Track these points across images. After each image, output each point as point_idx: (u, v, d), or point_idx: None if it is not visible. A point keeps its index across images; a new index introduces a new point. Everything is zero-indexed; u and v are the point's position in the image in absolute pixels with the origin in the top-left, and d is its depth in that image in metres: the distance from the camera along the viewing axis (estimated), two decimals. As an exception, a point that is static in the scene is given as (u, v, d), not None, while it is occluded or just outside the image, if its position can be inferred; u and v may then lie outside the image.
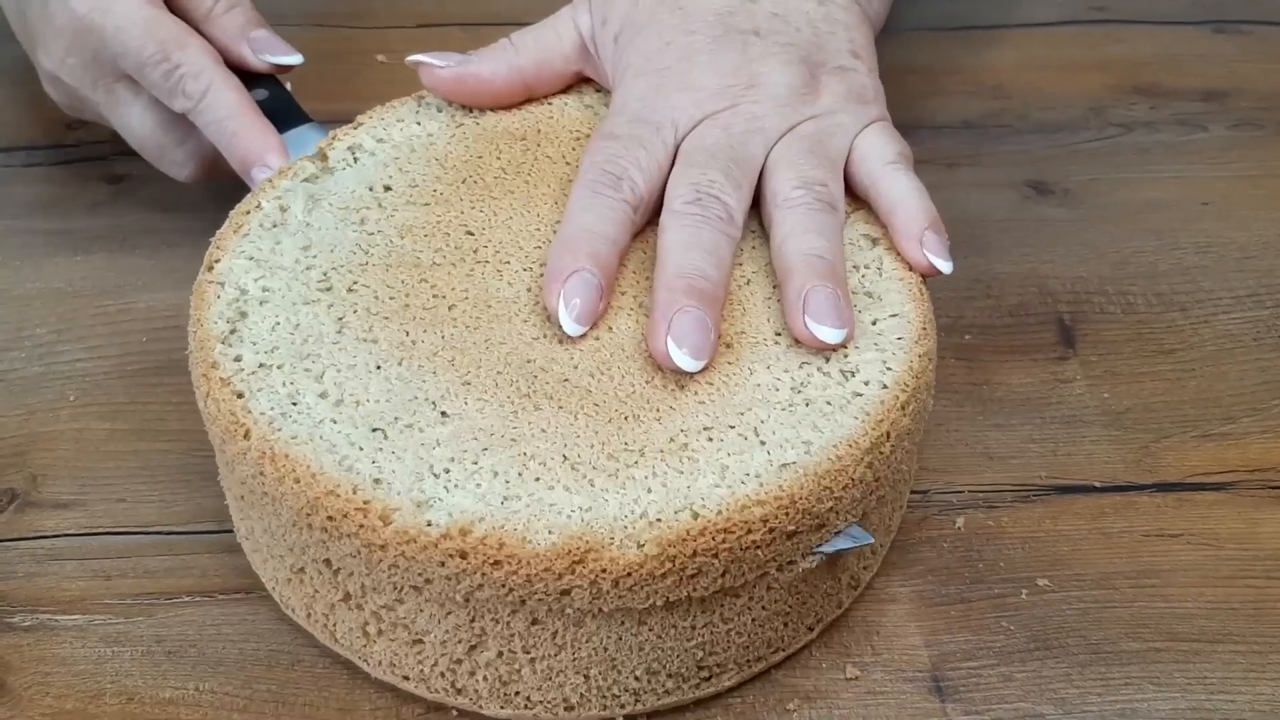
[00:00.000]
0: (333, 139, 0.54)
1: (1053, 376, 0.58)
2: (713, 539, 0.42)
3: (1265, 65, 0.75)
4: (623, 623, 0.43)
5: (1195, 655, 0.48)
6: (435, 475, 0.42)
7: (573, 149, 0.54)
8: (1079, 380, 0.57)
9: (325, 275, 0.49)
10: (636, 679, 0.45)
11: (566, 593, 0.41)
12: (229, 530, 0.50)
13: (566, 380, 0.45)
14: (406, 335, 0.47)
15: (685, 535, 0.41)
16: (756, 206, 0.51)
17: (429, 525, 0.41)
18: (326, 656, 0.48)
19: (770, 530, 0.42)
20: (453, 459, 0.43)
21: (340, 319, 0.47)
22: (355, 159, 0.53)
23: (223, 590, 0.50)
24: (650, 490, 0.42)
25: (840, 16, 0.55)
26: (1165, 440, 0.55)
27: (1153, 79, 0.74)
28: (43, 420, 0.55)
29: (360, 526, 0.42)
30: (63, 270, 0.61)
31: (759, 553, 0.43)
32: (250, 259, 0.49)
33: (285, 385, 0.45)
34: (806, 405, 0.45)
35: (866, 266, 0.50)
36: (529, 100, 0.56)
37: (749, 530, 0.42)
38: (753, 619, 0.45)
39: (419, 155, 0.53)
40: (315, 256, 0.49)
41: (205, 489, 0.52)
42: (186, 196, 0.65)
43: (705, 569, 0.42)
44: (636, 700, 0.45)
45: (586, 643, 0.43)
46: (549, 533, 0.41)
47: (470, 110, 0.56)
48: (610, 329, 0.47)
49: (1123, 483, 0.53)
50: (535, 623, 0.43)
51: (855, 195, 0.52)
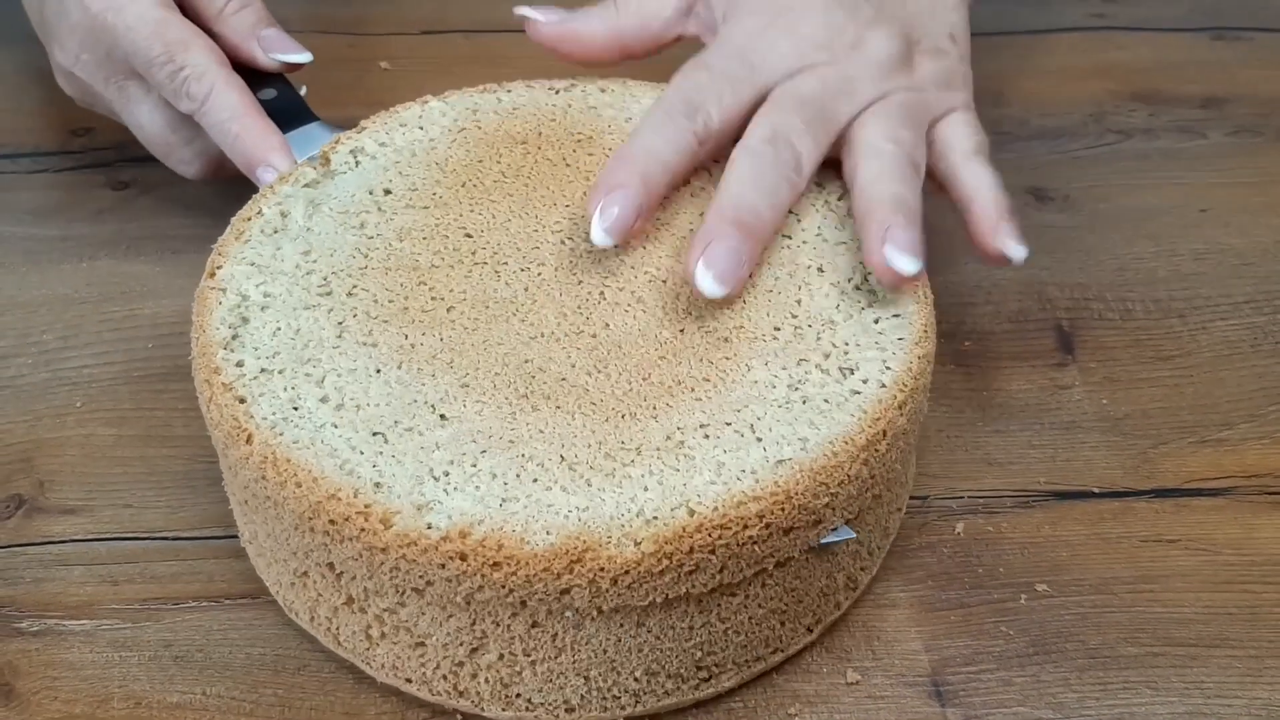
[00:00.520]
0: (336, 142, 0.54)
1: (1052, 383, 0.58)
2: (709, 536, 0.42)
3: (1264, 72, 0.75)
4: (621, 624, 0.43)
5: (1192, 660, 0.48)
6: (435, 478, 0.43)
7: (573, 151, 0.54)
8: (1078, 386, 0.58)
9: (325, 280, 0.49)
10: (636, 680, 0.45)
11: (566, 592, 0.42)
12: (234, 535, 0.51)
13: (564, 379, 0.46)
14: (405, 338, 0.47)
15: (682, 532, 0.42)
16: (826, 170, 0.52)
17: (429, 528, 0.42)
18: (332, 661, 0.48)
19: (767, 526, 0.43)
20: (452, 462, 0.43)
21: (340, 323, 0.47)
22: (357, 162, 0.54)
23: (229, 595, 0.50)
24: (647, 488, 0.43)
25: None
26: (1163, 446, 0.55)
27: (1152, 86, 0.74)
28: (49, 426, 0.55)
29: (362, 530, 0.42)
30: (69, 276, 0.62)
31: (756, 549, 0.43)
32: (252, 265, 0.49)
33: (287, 390, 0.45)
34: (804, 402, 0.45)
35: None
36: (627, 58, 0.57)
37: (745, 526, 0.42)
38: (749, 617, 0.45)
39: (419, 159, 0.54)
40: (315, 261, 0.50)
41: (211, 494, 0.52)
42: (192, 202, 0.65)
43: (702, 565, 0.42)
44: (637, 701, 0.46)
45: (586, 644, 0.44)
46: (547, 533, 0.42)
47: (473, 114, 0.56)
48: (607, 326, 0.47)
49: (1121, 488, 0.54)
50: (535, 625, 0.43)
51: (932, 179, 0.53)
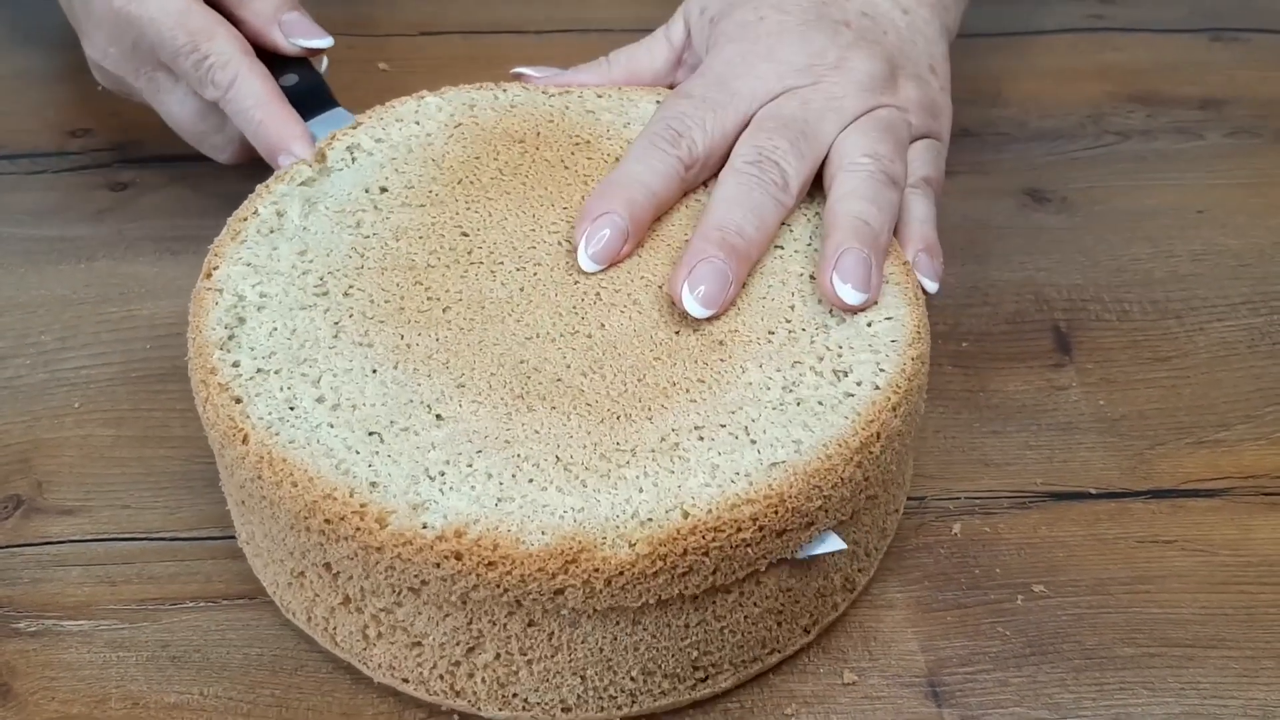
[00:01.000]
0: (331, 139, 0.54)
1: (1049, 384, 0.58)
2: (703, 538, 0.42)
3: (1262, 73, 0.75)
4: (618, 623, 0.43)
5: (1189, 661, 0.48)
6: (431, 478, 0.43)
7: (571, 154, 0.54)
8: (1075, 387, 0.58)
9: (321, 280, 0.49)
10: (633, 680, 0.45)
11: (560, 592, 0.42)
12: (232, 536, 0.51)
13: (559, 380, 0.46)
14: (401, 339, 0.47)
15: (676, 534, 0.42)
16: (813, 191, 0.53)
17: (425, 527, 0.42)
18: (329, 661, 0.48)
19: (760, 529, 0.43)
20: (448, 462, 0.43)
21: (336, 323, 0.47)
22: (353, 159, 0.54)
23: (226, 596, 0.50)
24: (641, 490, 0.43)
25: (923, 29, 0.57)
26: (1160, 447, 0.55)
27: (1150, 87, 0.74)
28: (47, 427, 0.56)
29: (357, 529, 0.42)
30: (67, 277, 0.62)
31: (749, 551, 0.43)
32: (248, 265, 0.49)
33: (283, 390, 0.45)
34: (798, 404, 0.45)
35: None
36: None
37: (739, 529, 0.42)
38: (745, 616, 0.45)
39: (416, 156, 0.54)
40: (311, 261, 0.50)
41: (208, 495, 0.52)
42: (190, 203, 0.66)
43: (696, 567, 0.42)
44: (633, 701, 0.46)
45: (582, 643, 0.44)
46: (542, 533, 0.42)
47: (470, 109, 0.56)
48: (603, 326, 0.47)
49: (1118, 489, 0.54)
50: (531, 624, 0.43)
51: None
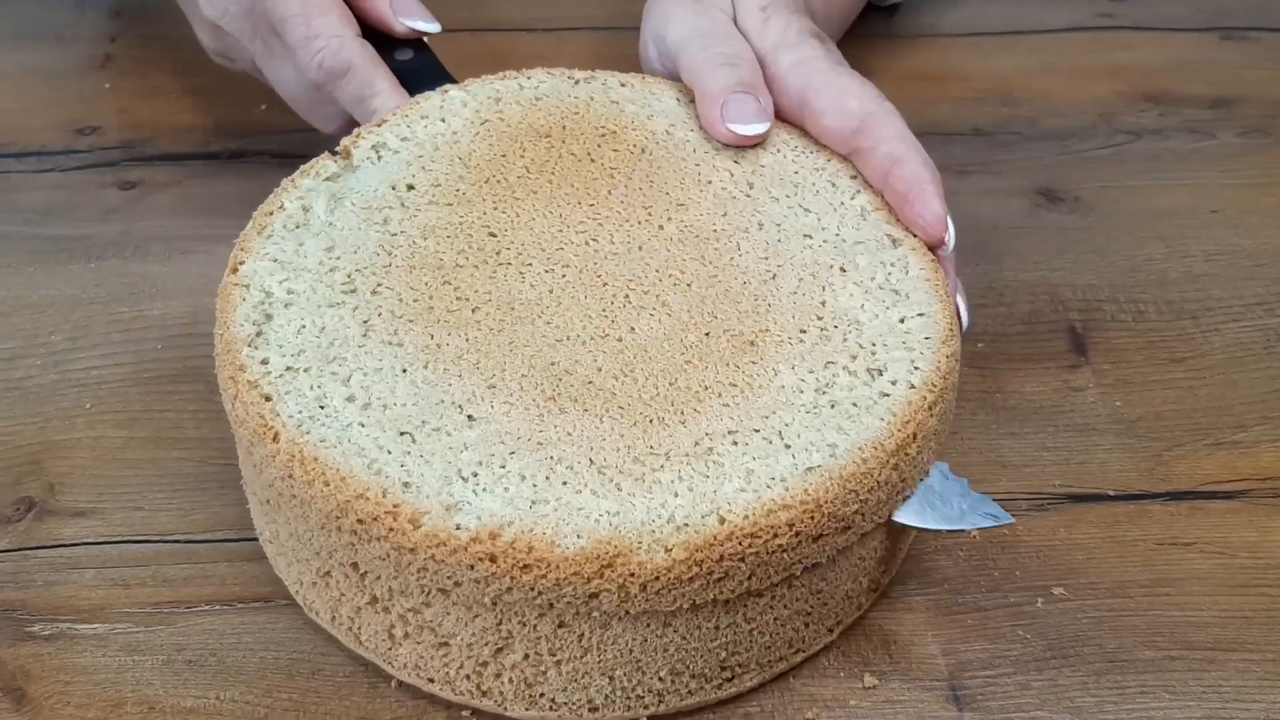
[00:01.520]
0: (357, 136, 0.54)
1: (1065, 385, 0.58)
2: (739, 544, 0.42)
3: (1273, 72, 0.75)
4: (648, 625, 0.43)
5: (1210, 664, 0.48)
6: (464, 479, 0.43)
7: (598, 146, 0.54)
8: (1091, 388, 0.58)
9: (349, 277, 0.48)
10: (661, 680, 0.45)
11: (594, 596, 0.41)
12: (248, 538, 0.50)
13: (590, 383, 0.45)
14: (431, 338, 0.47)
15: (712, 540, 0.42)
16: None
17: (458, 529, 0.41)
18: (347, 665, 0.48)
19: (796, 534, 0.43)
20: (480, 462, 0.43)
21: (365, 322, 0.47)
22: (379, 157, 0.53)
23: (242, 599, 0.50)
24: (677, 494, 0.42)
25: None
26: (1178, 449, 0.55)
27: (1162, 86, 0.74)
28: (59, 428, 0.55)
29: (390, 530, 0.42)
30: (76, 277, 0.61)
31: (785, 556, 0.43)
32: (274, 261, 0.49)
33: (313, 388, 0.45)
34: (832, 407, 0.45)
35: (893, 265, 0.50)
36: None
37: (775, 535, 0.42)
38: (774, 618, 0.45)
39: (442, 153, 0.53)
40: (339, 258, 0.49)
41: (223, 497, 0.52)
42: (200, 202, 0.65)
43: (731, 573, 0.42)
44: (660, 701, 0.46)
45: (612, 645, 0.44)
46: (577, 537, 0.41)
47: (496, 104, 0.55)
48: (633, 329, 0.47)
49: (1136, 491, 0.54)
50: (562, 625, 0.43)
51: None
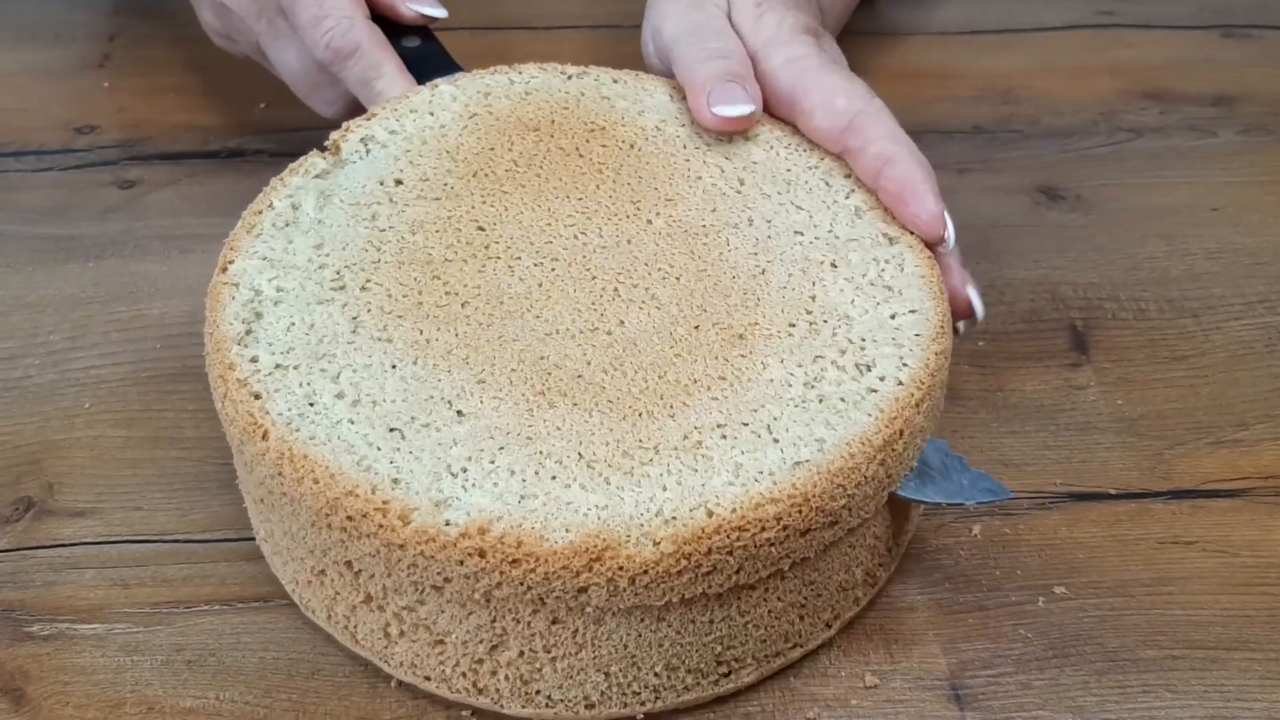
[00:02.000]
0: (346, 130, 0.54)
1: (1066, 383, 0.58)
2: (728, 537, 0.42)
3: (1274, 70, 0.75)
4: (642, 619, 0.43)
5: (1212, 663, 0.48)
6: (453, 474, 0.43)
7: (586, 141, 0.54)
8: (1092, 387, 0.57)
9: (338, 274, 0.48)
10: (656, 675, 0.45)
11: (584, 590, 0.41)
12: (247, 538, 0.50)
13: (580, 377, 0.45)
14: (420, 334, 0.47)
15: (701, 533, 0.42)
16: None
17: (447, 524, 0.41)
18: (346, 665, 0.48)
19: (784, 528, 0.43)
20: (470, 458, 0.43)
21: (354, 318, 0.47)
22: (367, 151, 0.53)
23: (241, 599, 0.49)
24: (665, 488, 0.42)
25: None
26: (1179, 447, 0.55)
27: (1162, 84, 0.74)
28: (58, 428, 0.55)
29: (380, 526, 0.42)
30: (75, 276, 0.61)
31: (772, 550, 0.43)
32: (264, 259, 0.49)
33: (302, 386, 0.45)
34: (820, 402, 0.45)
35: (887, 261, 0.49)
36: None
37: (763, 529, 0.42)
38: (769, 611, 0.45)
39: (430, 147, 0.53)
40: (328, 255, 0.49)
41: (222, 496, 0.52)
42: (199, 201, 0.65)
43: (720, 566, 0.42)
44: (657, 697, 0.45)
45: (607, 640, 0.43)
46: (566, 531, 0.41)
47: (485, 98, 0.55)
48: (622, 323, 0.47)
49: (1137, 490, 0.53)
50: (556, 621, 0.43)
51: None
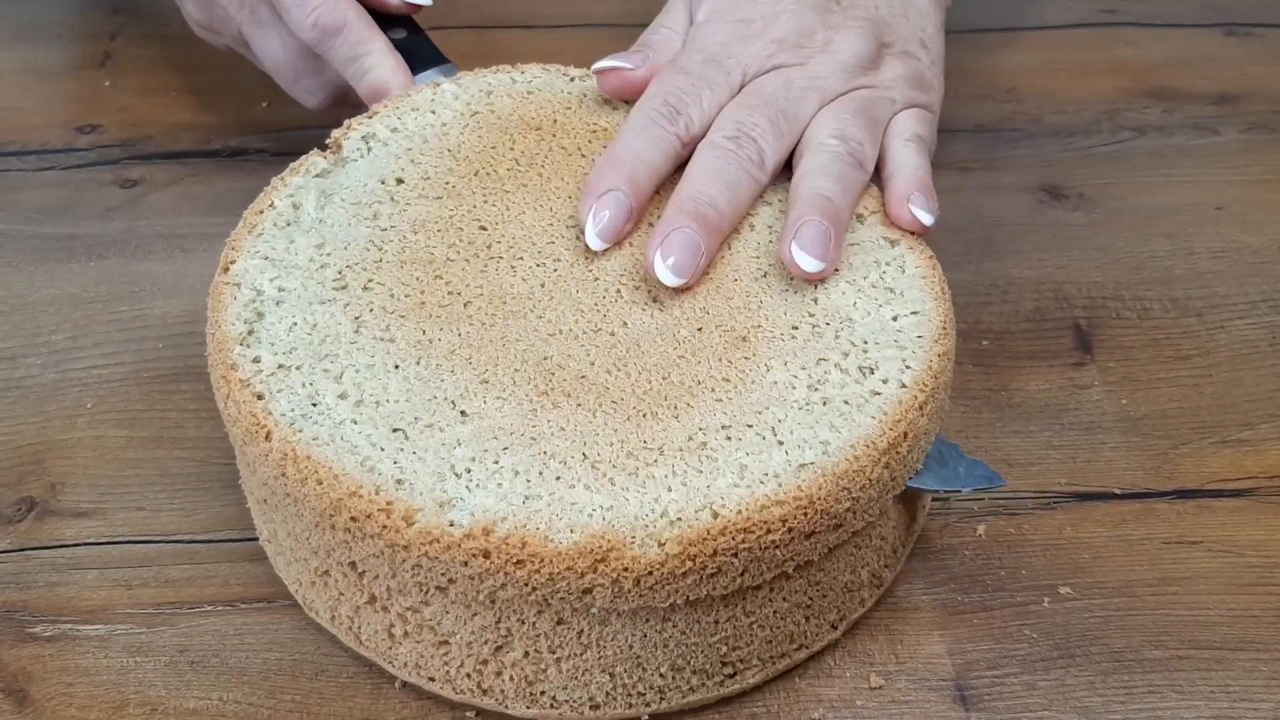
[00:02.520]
0: (347, 128, 0.54)
1: (1070, 382, 0.57)
2: (733, 539, 0.42)
3: (1277, 68, 0.75)
4: (647, 620, 0.43)
5: (1218, 663, 0.48)
6: (457, 475, 0.42)
7: (589, 141, 0.54)
8: (1097, 386, 0.57)
9: (340, 273, 0.48)
10: (661, 676, 0.45)
11: (588, 591, 0.41)
12: (249, 538, 0.50)
13: (584, 377, 0.45)
14: (423, 334, 0.46)
15: (706, 535, 0.42)
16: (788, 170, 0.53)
17: (451, 525, 0.41)
18: (350, 666, 0.47)
19: (789, 530, 0.42)
20: (474, 458, 0.43)
21: (357, 318, 0.47)
22: (369, 149, 0.53)
23: (244, 599, 0.49)
24: (670, 489, 0.42)
25: (916, 2, 0.57)
26: (1184, 447, 0.55)
27: (1165, 82, 0.74)
28: (60, 428, 0.55)
29: (383, 527, 0.42)
30: (77, 276, 0.61)
31: (777, 552, 0.43)
32: (265, 259, 0.49)
33: (305, 386, 0.45)
34: (824, 404, 0.45)
35: (888, 264, 0.50)
36: None
37: (768, 530, 0.42)
38: (774, 611, 0.45)
39: (431, 146, 0.53)
40: (329, 254, 0.49)
41: (225, 496, 0.52)
42: (201, 200, 0.65)
43: (725, 568, 0.42)
44: (662, 698, 0.45)
45: (612, 641, 0.43)
46: (570, 531, 0.41)
47: (487, 96, 0.55)
48: (625, 324, 0.47)
49: (1142, 489, 0.53)
50: (561, 622, 0.43)
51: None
